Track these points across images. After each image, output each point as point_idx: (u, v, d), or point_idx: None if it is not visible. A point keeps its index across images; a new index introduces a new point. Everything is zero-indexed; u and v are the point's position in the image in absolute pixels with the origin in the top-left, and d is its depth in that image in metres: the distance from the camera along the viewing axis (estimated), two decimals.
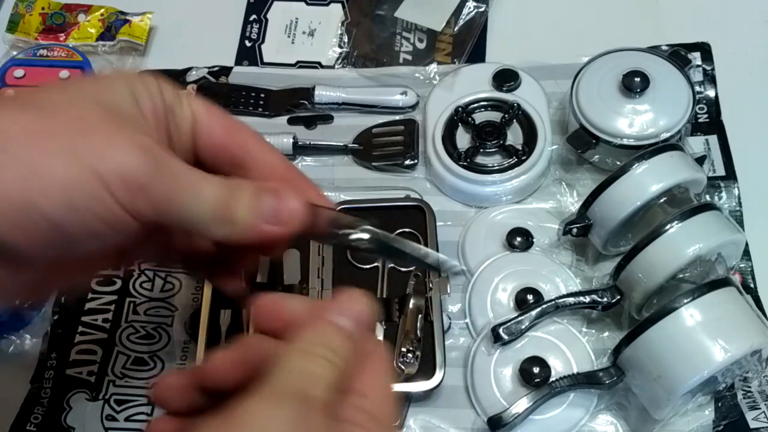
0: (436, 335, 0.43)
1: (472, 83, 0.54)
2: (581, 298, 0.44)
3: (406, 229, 0.48)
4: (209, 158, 0.31)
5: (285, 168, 0.32)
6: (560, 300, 0.44)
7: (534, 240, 0.48)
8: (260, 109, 0.56)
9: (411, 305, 0.45)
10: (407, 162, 0.52)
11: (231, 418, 0.24)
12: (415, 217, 0.48)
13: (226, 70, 0.58)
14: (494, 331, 0.43)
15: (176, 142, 0.30)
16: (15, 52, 0.59)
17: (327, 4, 0.61)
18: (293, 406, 0.25)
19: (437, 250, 0.47)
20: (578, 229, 0.46)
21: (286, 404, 0.25)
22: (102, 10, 0.60)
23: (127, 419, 0.45)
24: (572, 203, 0.50)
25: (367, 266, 0.47)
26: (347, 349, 0.26)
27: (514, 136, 0.52)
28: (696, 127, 0.52)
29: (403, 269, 0.46)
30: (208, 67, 0.58)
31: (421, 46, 0.58)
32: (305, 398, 0.25)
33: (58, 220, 0.25)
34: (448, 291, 0.45)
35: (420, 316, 0.44)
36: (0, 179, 0.24)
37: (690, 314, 0.39)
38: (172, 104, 0.30)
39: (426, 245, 0.47)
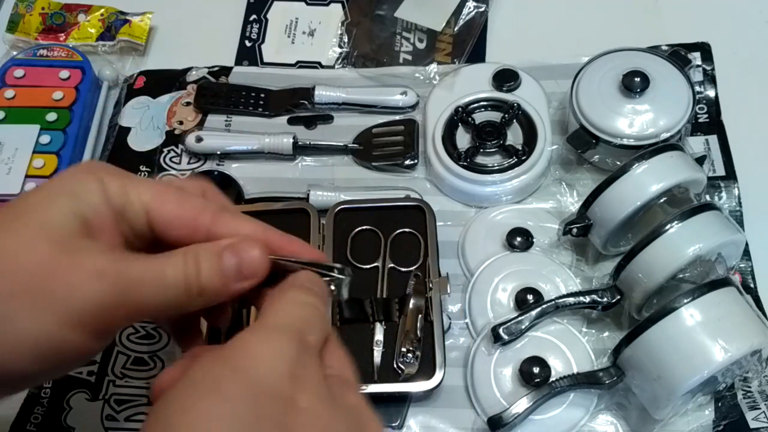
0: (436, 335, 0.43)
1: (472, 83, 0.54)
2: (581, 298, 0.44)
3: (406, 229, 0.48)
4: (171, 236, 0.31)
5: (252, 228, 0.31)
6: (560, 300, 0.44)
7: (534, 240, 0.48)
8: (260, 109, 0.56)
9: (411, 305, 0.45)
10: (407, 162, 0.52)
11: (232, 348, 0.25)
12: (415, 217, 0.48)
13: (226, 70, 0.58)
14: (494, 331, 0.43)
15: (131, 234, 0.31)
16: (15, 52, 0.59)
17: (327, 4, 0.61)
18: (293, 343, 0.26)
19: (437, 251, 0.46)
20: (578, 229, 0.46)
21: (286, 338, 0.26)
22: (102, 10, 0.60)
23: (127, 419, 0.45)
24: (572, 203, 0.50)
25: (368, 266, 0.47)
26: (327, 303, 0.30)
27: (514, 136, 0.52)
28: (696, 127, 0.52)
29: (403, 269, 0.47)
30: (208, 67, 0.58)
31: (421, 46, 0.58)
32: (303, 339, 0.27)
33: (29, 372, 0.28)
34: (448, 291, 0.45)
35: (420, 316, 0.44)
36: None
37: (690, 314, 0.39)
38: (121, 205, 0.30)
39: (426, 245, 0.47)
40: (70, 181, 0.30)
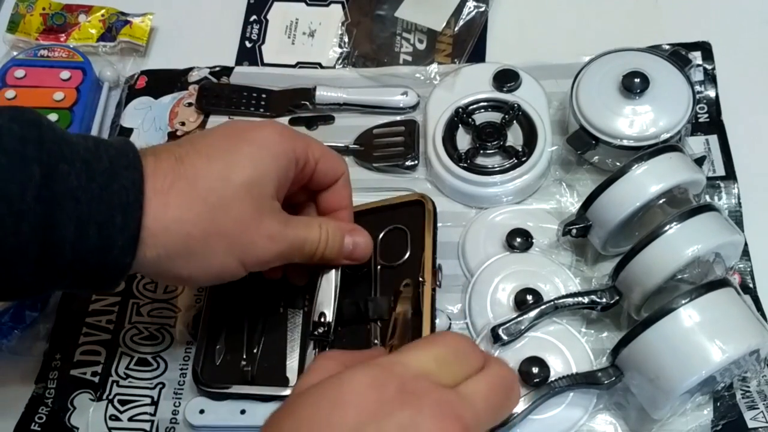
0: (424, 330, 0.42)
1: (472, 83, 0.54)
2: (580, 299, 0.44)
3: (397, 225, 0.47)
4: (316, 186, 0.43)
5: (349, 201, 0.44)
6: (559, 300, 0.44)
7: (534, 241, 0.48)
8: (261, 110, 0.56)
9: (401, 302, 0.44)
10: (408, 163, 0.52)
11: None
12: (407, 213, 0.47)
13: (227, 71, 0.58)
14: (494, 331, 0.43)
15: (295, 183, 0.41)
16: (15, 53, 0.59)
17: (327, 5, 0.61)
18: None
19: (434, 242, 0.46)
20: (578, 230, 0.46)
21: None
22: (103, 11, 0.61)
23: (130, 419, 0.45)
24: (572, 204, 0.50)
25: (360, 272, 0.46)
26: None
27: (515, 136, 0.52)
28: (696, 127, 0.52)
29: (394, 264, 0.46)
30: (210, 68, 0.58)
31: (421, 46, 0.58)
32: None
33: (202, 283, 0.46)
34: (439, 280, 0.44)
35: (410, 311, 0.44)
36: (186, 269, 0.37)
37: (688, 315, 0.39)
38: (303, 164, 0.41)
39: (414, 239, 0.46)
40: (273, 140, 0.39)
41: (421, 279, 0.44)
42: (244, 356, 0.45)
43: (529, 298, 0.45)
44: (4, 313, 0.47)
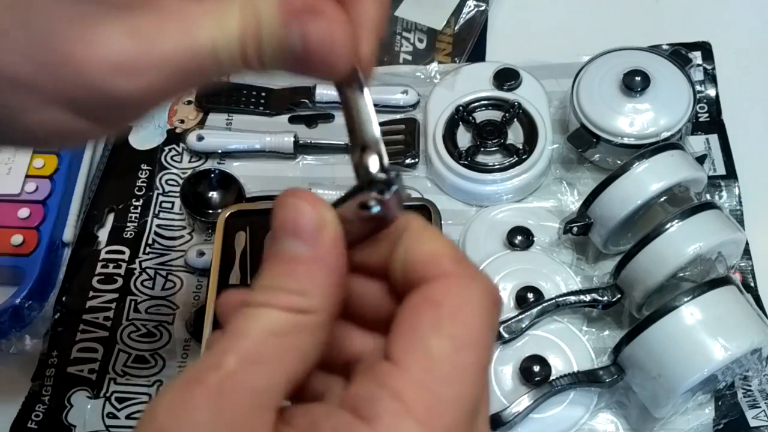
0: None
1: (472, 82, 0.54)
2: (582, 297, 0.44)
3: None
4: None
5: None
6: (561, 299, 0.44)
7: (534, 239, 0.48)
8: (261, 108, 0.56)
9: None
10: (408, 161, 0.52)
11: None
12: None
13: None
14: None
15: None
16: None
17: None
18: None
19: None
20: (579, 228, 0.46)
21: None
22: None
23: (128, 417, 0.45)
24: (573, 202, 0.50)
25: None
26: None
27: (515, 135, 0.52)
28: (696, 126, 0.52)
29: None
30: None
31: (421, 46, 0.58)
32: None
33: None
34: None
35: None
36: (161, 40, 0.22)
37: (690, 313, 0.39)
38: None
39: None
40: None
41: None
42: None
43: (530, 296, 0.45)
44: (3, 312, 0.47)
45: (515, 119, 0.52)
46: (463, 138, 0.52)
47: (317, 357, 0.21)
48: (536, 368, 0.42)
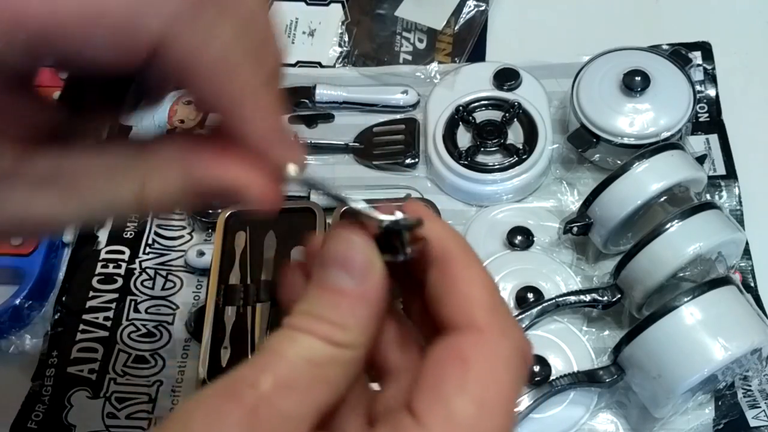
0: None
1: (472, 82, 0.54)
2: (582, 297, 0.44)
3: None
4: None
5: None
6: (561, 299, 0.44)
7: (534, 239, 0.48)
8: None
9: None
10: (408, 161, 0.52)
11: None
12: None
13: None
14: None
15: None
16: None
17: (327, 4, 0.61)
18: None
19: None
20: (579, 228, 0.46)
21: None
22: None
23: (127, 417, 0.45)
24: (573, 202, 0.50)
25: None
26: None
27: (515, 135, 0.52)
28: (696, 126, 0.52)
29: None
30: None
31: (421, 45, 0.58)
32: None
33: None
34: None
35: None
36: None
37: (690, 313, 0.39)
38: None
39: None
40: None
41: None
42: (249, 356, 0.44)
43: (530, 296, 0.45)
44: (3, 312, 0.47)
45: (515, 119, 0.52)
46: (463, 138, 0.52)
47: (346, 390, 0.21)
48: (536, 368, 0.42)
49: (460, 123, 0.52)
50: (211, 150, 0.22)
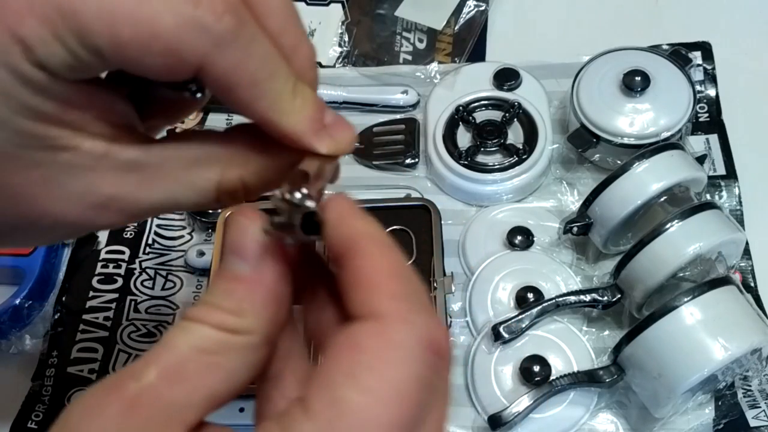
0: None
1: (472, 82, 0.54)
2: (582, 297, 0.44)
3: (398, 227, 0.47)
4: None
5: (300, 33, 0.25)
6: (561, 298, 0.44)
7: (534, 239, 0.48)
8: None
9: None
10: (408, 161, 0.52)
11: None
12: (412, 216, 0.48)
13: None
14: (495, 329, 0.43)
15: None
16: None
17: (327, 4, 0.61)
18: None
19: (442, 250, 0.46)
20: (579, 228, 0.46)
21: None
22: None
23: None
24: (573, 202, 0.50)
25: None
26: None
27: (515, 135, 0.52)
28: (696, 126, 0.52)
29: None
30: None
31: (421, 45, 0.58)
32: None
33: None
34: (452, 290, 0.45)
35: None
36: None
37: (690, 313, 0.39)
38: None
39: (431, 245, 0.47)
40: None
41: (434, 286, 0.44)
42: None
43: (530, 296, 0.45)
44: (3, 312, 0.47)
45: (515, 119, 0.52)
46: (463, 138, 0.52)
47: (248, 377, 0.21)
48: (536, 368, 0.42)
49: (460, 123, 0.52)
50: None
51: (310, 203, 0.21)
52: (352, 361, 0.19)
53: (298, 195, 0.21)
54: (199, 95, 0.23)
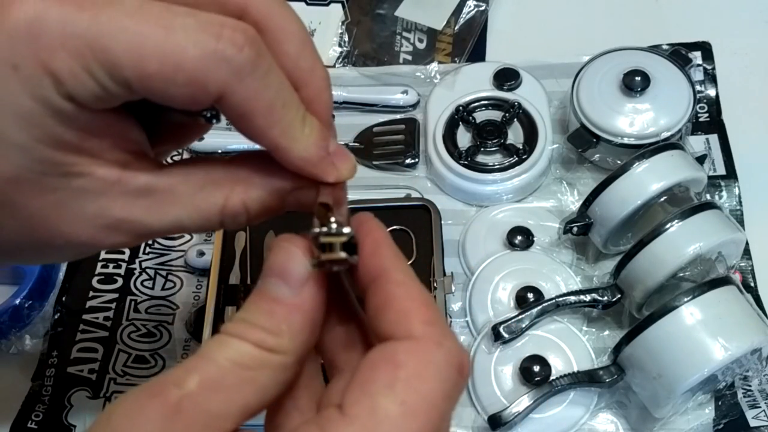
0: None
1: (472, 82, 0.54)
2: (582, 297, 0.44)
3: (398, 227, 0.47)
4: None
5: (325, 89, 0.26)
6: (561, 298, 0.44)
7: (534, 239, 0.48)
8: None
9: None
10: (408, 161, 0.52)
11: None
12: (412, 216, 0.48)
13: None
14: (495, 329, 0.43)
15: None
16: None
17: (327, 4, 0.61)
18: None
19: (442, 250, 0.46)
20: (579, 228, 0.46)
21: None
22: None
23: None
24: (573, 202, 0.50)
25: None
26: None
27: (515, 135, 0.52)
28: (696, 126, 0.52)
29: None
30: None
31: (421, 45, 0.58)
32: None
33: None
34: (452, 290, 0.45)
35: None
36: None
37: (690, 313, 0.39)
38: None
39: (431, 245, 0.47)
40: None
41: (434, 286, 0.44)
42: None
43: (530, 296, 0.45)
44: (3, 312, 0.47)
45: (515, 119, 0.52)
46: (463, 138, 0.52)
47: (277, 393, 0.22)
48: (536, 368, 0.42)
49: (460, 123, 0.52)
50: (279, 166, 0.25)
51: (346, 230, 0.22)
52: (391, 375, 0.21)
53: (334, 226, 0.22)
54: (214, 121, 0.24)
